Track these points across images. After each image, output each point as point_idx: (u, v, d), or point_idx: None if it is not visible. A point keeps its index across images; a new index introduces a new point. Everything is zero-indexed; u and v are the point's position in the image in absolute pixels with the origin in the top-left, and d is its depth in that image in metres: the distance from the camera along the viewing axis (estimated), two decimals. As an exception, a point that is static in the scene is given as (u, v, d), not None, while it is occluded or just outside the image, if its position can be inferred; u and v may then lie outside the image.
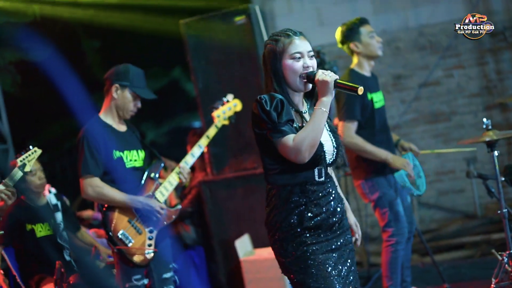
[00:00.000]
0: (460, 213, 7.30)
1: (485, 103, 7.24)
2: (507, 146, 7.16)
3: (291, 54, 2.95)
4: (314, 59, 3.00)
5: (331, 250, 2.95)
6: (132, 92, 4.23)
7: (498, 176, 4.55)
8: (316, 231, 2.93)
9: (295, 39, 2.96)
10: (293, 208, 2.93)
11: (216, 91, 5.64)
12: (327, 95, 2.88)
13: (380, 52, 4.82)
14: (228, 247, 5.66)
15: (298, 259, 2.92)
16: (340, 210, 3.01)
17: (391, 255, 4.65)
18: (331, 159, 2.98)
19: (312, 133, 2.83)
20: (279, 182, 2.96)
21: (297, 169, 2.92)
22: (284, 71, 2.96)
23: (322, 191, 2.96)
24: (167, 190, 4.31)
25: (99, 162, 4.09)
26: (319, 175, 2.95)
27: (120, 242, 4.06)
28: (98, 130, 4.16)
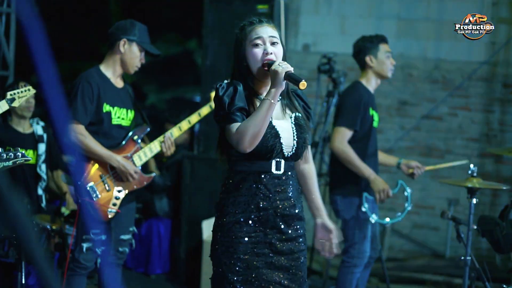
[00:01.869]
0: (429, 250, 7.33)
1: (481, 150, 7.25)
2: (491, 197, 7.17)
3: (251, 40, 2.91)
4: (279, 46, 2.92)
5: (267, 254, 2.88)
6: (139, 46, 4.24)
7: (471, 223, 4.57)
8: (258, 227, 2.87)
9: (257, 26, 2.94)
10: (241, 196, 2.88)
11: (222, 72, 5.65)
12: (276, 86, 2.79)
13: (390, 74, 4.83)
14: (195, 225, 5.68)
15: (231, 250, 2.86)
16: (291, 211, 2.91)
17: (347, 276, 4.66)
18: (290, 153, 2.91)
19: (254, 124, 2.77)
20: (235, 168, 2.92)
21: (254, 157, 2.87)
22: (247, 59, 2.92)
23: (276, 186, 2.89)
24: (146, 156, 4.32)
25: (89, 111, 4.10)
26: (277, 167, 2.89)
27: (87, 194, 4.08)
28: (96, 80, 4.17)
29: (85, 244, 4.12)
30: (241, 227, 2.87)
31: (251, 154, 2.85)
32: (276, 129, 2.91)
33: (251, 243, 2.88)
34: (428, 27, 7.32)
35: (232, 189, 2.92)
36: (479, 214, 4.84)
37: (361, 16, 7.47)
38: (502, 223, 4.72)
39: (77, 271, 4.13)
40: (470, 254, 4.51)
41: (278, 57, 2.91)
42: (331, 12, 7.56)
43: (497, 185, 4.59)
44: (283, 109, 3.00)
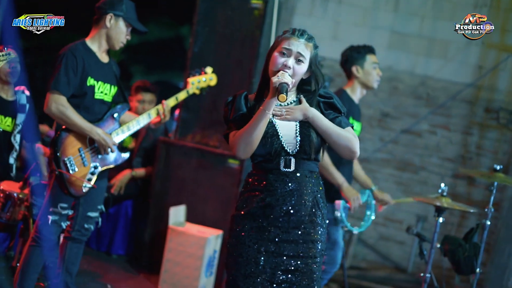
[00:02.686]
0: (392, 263, 7.38)
1: (455, 171, 7.31)
2: (460, 218, 7.23)
3: (281, 48, 2.95)
4: (303, 66, 2.96)
5: (271, 252, 2.92)
6: (126, 22, 4.24)
7: (435, 241, 4.62)
8: (262, 223, 2.93)
9: (294, 38, 2.95)
10: (251, 191, 2.97)
11: (209, 61, 5.63)
12: (270, 97, 2.86)
13: (376, 85, 4.85)
14: (162, 210, 5.68)
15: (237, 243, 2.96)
16: (301, 211, 2.93)
17: None
18: (294, 150, 2.94)
19: (247, 133, 2.87)
20: (252, 166, 3.04)
21: (260, 158, 2.97)
22: (270, 61, 2.98)
23: (284, 184, 2.92)
24: (123, 133, 4.32)
25: (71, 83, 4.09)
26: (285, 165, 2.93)
27: (64, 166, 4.07)
28: (81, 53, 4.16)
29: (52, 217, 4.10)
30: (246, 221, 2.95)
31: (257, 154, 2.95)
32: (276, 127, 2.96)
33: (253, 239, 2.93)
34: (420, 43, 7.36)
35: (245, 185, 3.04)
36: (445, 234, 4.89)
37: (355, 24, 7.49)
38: (465, 245, 4.78)
39: (38, 242, 4.11)
40: (431, 271, 4.56)
41: (297, 74, 2.95)
42: (325, 16, 7.57)
43: (465, 207, 4.64)
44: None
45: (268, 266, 2.91)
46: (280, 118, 2.94)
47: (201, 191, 5.71)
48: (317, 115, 2.95)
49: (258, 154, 2.95)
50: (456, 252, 4.76)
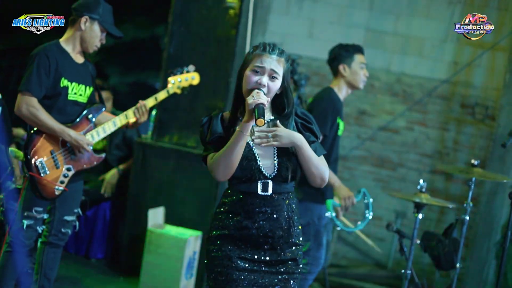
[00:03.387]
0: (373, 260, 7.39)
1: (433, 166, 7.34)
2: (439, 214, 7.27)
3: (253, 66, 2.90)
4: (276, 82, 2.91)
5: (249, 270, 2.91)
6: (101, 26, 4.18)
7: (415, 238, 4.62)
8: (240, 244, 2.91)
9: (265, 55, 2.90)
10: (228, 213, 2.94)
11: (185, 61, 5.58)
12: (247, 118, 2.81)
13: (362, 86, 4.82)
14: (141, 213, 5.63)
15: (212, 263, 2.93)
16: (278, 234, 2.93)
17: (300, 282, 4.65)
18: (272, 174, 2.92)
19: (224, 155, 2.83)
20: (229, 183, 3.00)
21: (238, 180, 2.92)
22: (242, 80, 2.93)
23: (261, 207, 2.91)
24: (98, 135, 4.25)
25: (43, 84, 4.02)
26: (263, 188, 2.91)
27: (35, 169, 4.00)
28: (55, 53, 4.10)
29: (26, 221, 4.04)
30: (223, 241, 2.92)
31: (234, 176, 2.90)
32: (253, 150, 2.92)
33: (232, 257, 2.90)
34: (395, 40, 7.38)
35: (221, 205, 2.99)
36: (424, 230, 4.90)
37: (331, 22, 7.48)
38: (445, 241, 4.80)
39: (15, 248, 4.04)
40: (411, 267, 4.56)
41: (271, 91, 2.90)
42: (301, 14, 7.56)
43: (443, 202, 4.65)
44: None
45: (247, 283, 2.90)
46: (266, 144, 2.86)
47: (179, 193, 5.67)
48: (305, 144, 2.90)
49: (236, 176, 2.91)
50: (436, 248, 4.77)
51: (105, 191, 5.83)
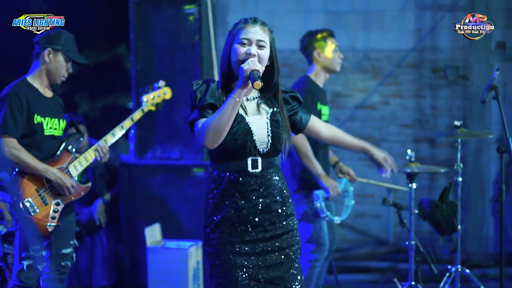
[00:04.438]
0: (373, 238, 7.41)
1: (415, 135, 7.38)
2: (430, 180, 7.30)
3: (239, 39, 2.92)
4: (266, 50, 2.93)
5: (253, 253, 2.90)
6: (65, 56, 4.14)
7: (412, 208, 4.65)
8: (239, 226, 2.89)
9: (248, 25, 2.93)
10: (221, 197, 2.91)
11: (154, 75, 5.58)
12: (241, 84, 2.81)
13: (339, 68, 4.85)
14: (137, 233, 5.60)
15: (215, 251, 2.91)
16: (274, 208, 2.94)
17: (308, 270, 4.65)
18: (265, 149, 2.92)
19: (216, 121, 2.80)
20: (214, 167, 2.97)
21: (228, 156, 2.90)
22: (230, 55, 2.94)
23: (254, 184, 2.90)
24: (81, 166, 4.22)
25: (19, 124, 3.98)
26: (253, 166, 2.91)
27: (25, 209, 3.96)
28: (23, 91, 4.05)
29: (26, 262, 3.99)
30: (221, 227, 2.90)
31: (226, 152, 2.89)
32: (249, 125, 2.92)
33: (234, 243, 2.89)
34: (355, 18, 7.40)
35: (212, 191, 2.95)
36: (418, 199, 4.92)
37: (289, 11, 7.49)
38: (442, 206, 4.83)
39: (19, 290, 4.00)
40: (414, 238, 4.59)
41: (262, 60, 2.92)
42: (258, 9, 7.55)
43: (435, 168, 4.69)
44: (258, 105, 3.00)
45: (252, 266, 2.90)
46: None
47: (172, 206, 5.64)
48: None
49: (229, 151, 2.89)
50: (435, 214, 4.80)
51: (100, 222, 5.78)
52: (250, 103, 2.99)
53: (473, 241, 7.02)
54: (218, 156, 2.94)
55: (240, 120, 2.90)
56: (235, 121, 2.88)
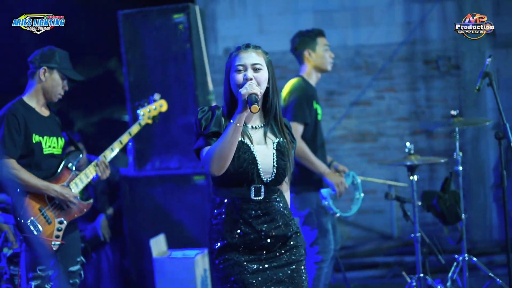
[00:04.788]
0: (377, 233, 7.41)
1: (412, 128, 7.39)
2: (429, 172, 7.32)
3: (235, 66, 2.94)
4: (263, 72, 2.94)
5: (261, 270, 2.92)
6: (60, 74, 4.14)
7: (415, 200, 4.65)
8: (245, 249, 2.92)
9: (241, 52, 2.95)
10: (225, 223, 2.93)
11: (147, 87, 5.57)
12: (241, 109, 2.83)
13: (330, 67, 4.85)
14: (142, 245, 5.58)
15: (224, 275, 2.92)
16: (279, 233, 2.96)
17: (315, 272, 4.65)
18: (269, 178, 2.94)
19: (219, 147, 2.83)
20: (217, 193, 2.99)
21: (231, 184, 2.93)
22: (230, 84, 2.97)
23: (257, 211, 2.93)
24: (82, 183, 4.22)
25: (18, 144, 3.98)
26: (256, 194, 2.93)
27: (28, 229, 3.95)
28: (20, 111, 4.04)
29: (34, 282, 3.98)
30: (227, 251, 2.92)
31: (229, 179, 2.91)
32: (254, 154, 2.93)
33: (241, 263, 2.91)
34: (345, 15, 7.42)
35: (215, 216, 2.97)
36: (420, 191, 4.92)
37: (278, 13, 7.50)
38: (444, 196, 4.83)
39: (28, 311, 3.99)
40: (419, 230, 4.59)
41: (260, 82, 2.92)
42: (247, 13, 7.57)
43: (434, 159, 4.69)
44: (265, 135, 3.00)
45: (262, 282, 2.91)
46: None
47: (175, 215, 5.63)
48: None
49: (233, 179, 2.91)
50: (438, 205, 4.80)
51: (104, 237, 5.78)
52: (256, 132, 3.00)
53: (477, 229, 7.04)
54: (222, 182, 2.96)
55: (245, 149, 2.92)
56: (240, 150, 2.90)
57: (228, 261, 2.92)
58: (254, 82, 2.88)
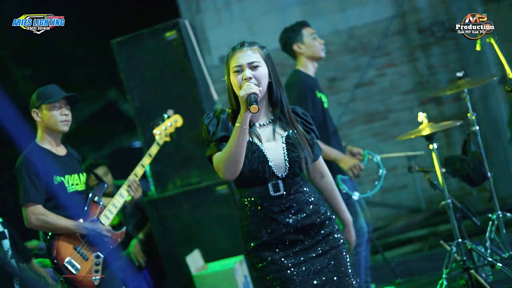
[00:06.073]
0: (406, 209, 7.41)
1: (419, 99, 7.39)
2: (445, 138, 7.31)
3: (232, 68, 2.93)
4: (262, 69, 2.92)
5: (298, 263, 2.92)
6: (49, 105, 4.13)
7: (440, 168, 4.64)
8: (277, 246, 2.92)
9: (237, 52, 2.94)
10: (252, 223, 2.95)
11: (154, 108, 5.58)
12: (243, 110, 2.82)
13: (323, 53, 4.84)
14: (179, 264, 5.59)
15: (262, 274, 2.93)
16: (308, 222, 2.94)
17: (353, 257, 4.65)
18: (283, 174, 2.93)
19: (228, 152, 2.84)
20: (240, 195, 3.01)
21: (249, 184, 2.95)
22: (232, 86, 2.96)
23: (279, 206, 2.93)
24: (112, 213, 4.23)
25: (40, 189, 3.99)
26: (275, 189, 2.93)
27: (66, 270, 3.96)
28: (37, 156, 4.06)
29: (81, 320, 3.99)
30: (261, 251, 2.93)
31: (245, 180, 2.93)
32: (264, 152, 2.93)
33: (276, 260, 2.91)
34: (331, 1, 7.44)
35: (242, 218, 3.00)
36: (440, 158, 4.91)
37: (264, 13, 7.52)
38: (467, 158, 4.82)
39: None
40: (449, 196, 4.58)
41: (260, 78, 2.91)
42: (234, 18, 7.59)
43: (450, 123, 4.68)
44: (273, 131, 2.99)
45: (301, 276, 2.92)
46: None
47: (205, 229, 5.64)
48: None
49: (247, 180, 2.93)
50: (462, 168, 4.79)
51: (139, 262, 5.78)
52: (265, 130, 2.99)
53: (503, 185, 7.01)
54: (240, 184, 2.99)
55: (254, 149, 2.92)
56: (250, 150, 2.91)
57: (264, 260, 2.93)
58: (254, 81, 2.87)
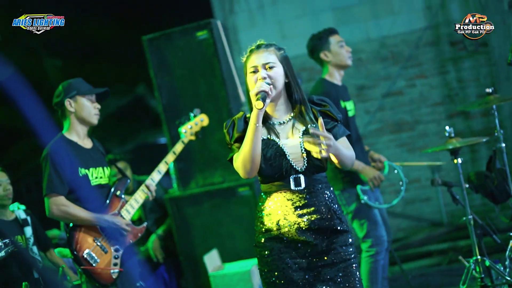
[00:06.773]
0: (427, 221, 7.36)
1: (447, 112, 7.34)
2: (470, 153, 7.25)
3: (249, 69, 3.02)
4: (275, 70, 2.98)
5: (306, 268, 2.94)
6: (84, 96, 4.19)
7: (463, 183, 4.62)
8: (288, 243, 2.94)
9: (253, 54, 3.02)
10: (267, 216, 2.98)
11: (181, 106, 5.62)
12: (254, 109, 2.90)
13: (350, 61, 4.83)
14: (196, 262, 5.62)
15: (269, 269, 2.96)
16: (323, 225, 2.94)
17: (371, 265, 4.64)
18: (303, 167, 2.96)
19: (244, 150, 2.93)
20: (262, 189, 3.07)
21: (270, 180, 2.99)
22: (249, 87, 3.02)
23: (297, 201, 2.95)
24: (133, 208, 4.27)
25: (64, 180, 4.05)
26: (296, 183, 2.96)
27: (86, 262, 4.01)
28: (63, 147, 4.11)
29: (96, 312, 4.04)
30: (271, 245, 2.96)
31: (266, 176, 2.99)
32: (282, 147, 2.98)
33: (284, 259, 2.94)
34: (364, 9, 7.41)
35: (259, 210, 3.05)
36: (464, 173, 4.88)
37: (297, 16, 7.52)
38: (491, 175, 4.78)
39: None
40: (471, 212, 4.55)
41: (276, 78, 2.97)
42: (266, 20, 7.60)
43: (476, 139, 4.65)
44: (292, 127, 3.03)
45: (307, 281, 2.93)
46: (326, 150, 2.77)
47: (224, 229, 5.66)
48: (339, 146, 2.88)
49: (267, 175, 2.98)
50: (486, 184, 4.75)
51: (157, 258, 5.82)
52: (284, 127, 3.04)
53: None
54: (262, 180, 3.04)
55: (272, 145, 2.98)
56: (268, 147, 2.97)
57: (273, 255, 2.95)
58: (267, 81, 2.93)
